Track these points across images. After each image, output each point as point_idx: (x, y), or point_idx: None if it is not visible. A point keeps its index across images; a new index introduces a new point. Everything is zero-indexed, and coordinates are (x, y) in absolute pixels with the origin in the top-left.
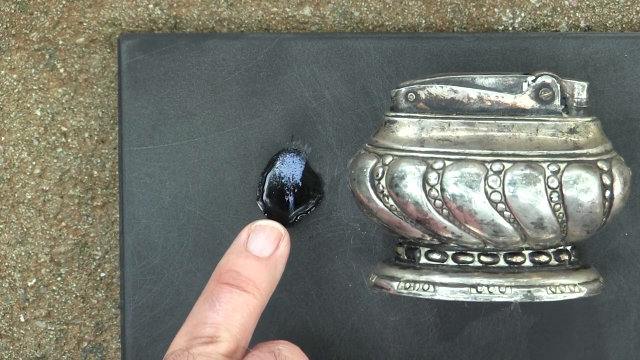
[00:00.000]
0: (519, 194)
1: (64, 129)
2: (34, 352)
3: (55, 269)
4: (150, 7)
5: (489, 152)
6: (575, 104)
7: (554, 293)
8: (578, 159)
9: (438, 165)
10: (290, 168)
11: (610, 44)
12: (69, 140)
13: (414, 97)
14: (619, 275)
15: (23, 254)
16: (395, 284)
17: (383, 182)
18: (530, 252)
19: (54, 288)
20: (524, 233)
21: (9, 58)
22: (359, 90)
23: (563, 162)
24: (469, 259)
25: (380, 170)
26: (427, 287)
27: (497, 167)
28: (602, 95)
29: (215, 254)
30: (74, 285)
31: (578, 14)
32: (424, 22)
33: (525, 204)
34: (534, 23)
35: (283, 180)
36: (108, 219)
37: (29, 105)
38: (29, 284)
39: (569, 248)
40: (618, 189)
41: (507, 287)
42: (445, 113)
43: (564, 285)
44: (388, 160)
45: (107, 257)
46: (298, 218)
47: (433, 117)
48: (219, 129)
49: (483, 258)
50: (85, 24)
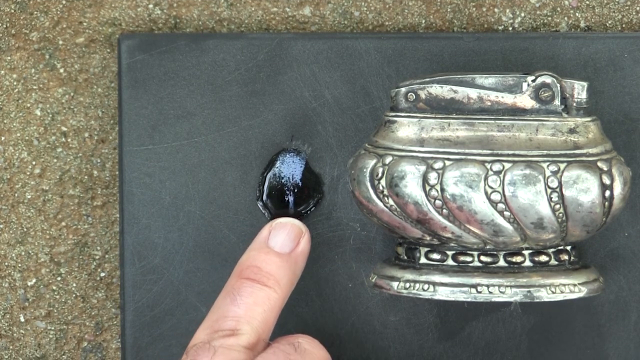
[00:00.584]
0: (519, 194)
1: (64, 129)
2: (34, 352)
3: (55, 269)
4: (150, 7)
5: (489, 152)
6: (575, 104)
7: (554, 293)
8: (578, 159)
9: (438, 165)
10: (290, 168)
11: (610, 44)
12: (69, 140)
13: (414, 97)
14: (619, 275)
15: (23, 254)
16: (395, 284)
17: (383, 182)
18: (530, 252)
19: (54, 288)
20: (524, 233)
21: (9, 58)
22: (359, 90)
23: (563, 162)
24: (469, 259)
25: (380, 170)
26: (427, 287)
27: (497, 167)
28: (602, 95)
29: (215, 254)
30: (74, 285)
31: (578, 14)
32: (424, 22)
33: (525, 204)
34: (534, 23)
35: (283, 180)
36: (108, 219)
37: (29, 105)
38: (29, 284)
39: (569, 248)
40: (618, 189)
41: (507, 287)
42: (445, 113)
43: (564, 285)
44: (388, 160)
45: (107, 257)
46: (298, 218)
47: (433, 117)
48: (219, 129)
49: (483, 258)
50: (85, 24)
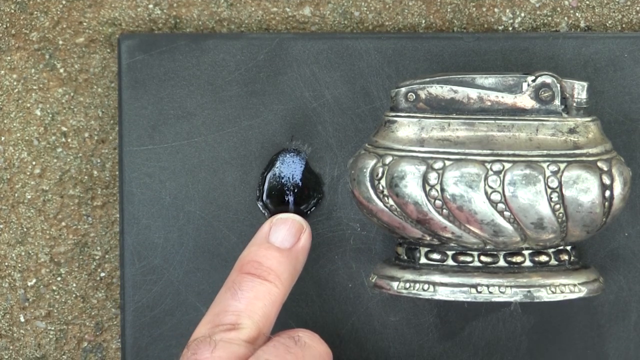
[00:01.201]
0: (519, 194)
1: (64, 129)
2: (34, 352)
3: (55, 269)
4: (150, 7)
5: (489, 152)
6: (575, 104)
7: (554, 293)
8: (578, 159)
9: (438, 165)
10: (290, 168)
11: (610, 44)
12: (69, 140)
13: (414, 97)
14: (619, 275)
15: (23, 254)
16: (395, 284)
17: (383, 182)
18: (530, 252)
19: (54, 288)
20: (524, 233)
21: (9, 58)
22: (359, 90)
23: (563, 162)
24: (469, 259)
25: (380, 170)
26: (427, 287)
27: (497, 167)
28: (602, 95)
29: (215, 254)
30: (74, 285)
31: (578, 14)
32: (424, 22)
33: (525, 204)
34: (534, 23)
35: (283, 180)
36: (108, 219)
37: (29, 105)
38: (29, 284)
39: (569, 248)
40: (618, 189)
41: (507, 287)
42: (445, 113)
43: (564, 285)
44: (388, 160)
45: (107, 257)
46: None
47: (433, 117)
48: (219, 129)
49: (483, 258)
50: (85, 24)
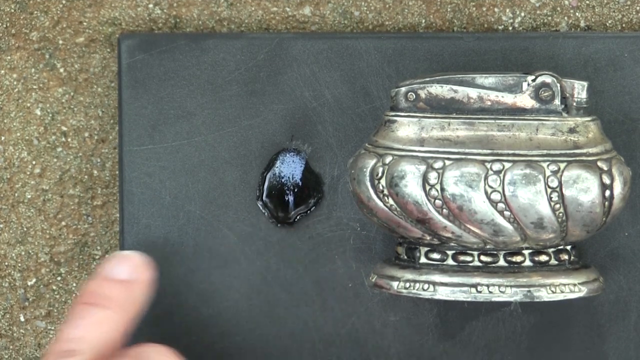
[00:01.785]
0: (519, 194)
1: (64, 129)
2: (34, 351)
3: (55, 269)
4: (150, 6)
5: (489, 151)
6: (575, 104)
7: (554, 293)
8: (578, 159)
9: (438, 165)
10: (290, 168)
11: (610, 44)
12: (69, 140)
13: (414, 96)
14: (619, 275)
15: (23, 254)
16: (395, 284)
17: (383, 181)
18: (530, 251)
19: (54, 288)
20: (524, 233)
21: (9, 58)
22: (359, 90)
23: (563, 161)
24: (469, 259)
25: (380, 170)
26: (427, 286)
27: (497, 166)
28: (602, 95)
29: (215, 254)
30: (74, 285)
31: (578, 14)
32: (424, 22)
33: (525, 204)
34: (534, 23)
35: (283, 180)
36: (108, 219)
37: (29, 105)
38: (29, 284)
39: (569, 248)
40: (618, 189)
41: (507, 286)
42: (445, 113)
43: (564, 285)
44: (388, 160)
45: (107, 256)
46: (298, 218)
47: (433, 116)
48: (219, 129)
49: (483, 258)
50: (85, 24)
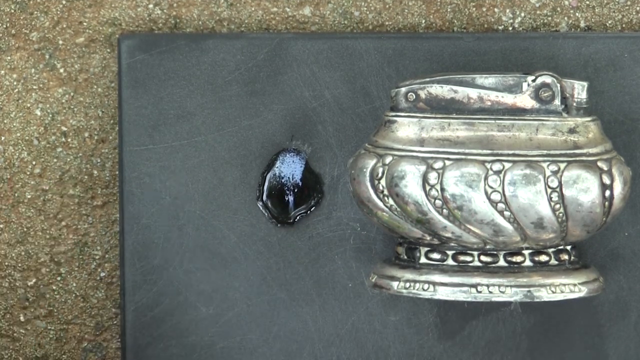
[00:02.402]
0: (519, 194)
1: (64, 129)
2: (34, 351)
3: (55, 269)
4: (150, 7)
5: (489, 152)
6: (575, 104)
7: (554, 293)
8: (578, 159)
9: (438, 165)
10: (290, 168)
11: (610, 44)
12: (69, 140)
13: (414, 97)
14: (619, 275)
15: (23, 254)
16: (395, 284)
17: (383, 182)
18: (530, 252)
19: (54, 288)
20: (524, 233)
21: (9, 58)
22: (359, 90)
23: (563, 161)
24: (469, 259)
25: (380, 170)
26: (427, 286)
27: (497, 167)
28: (602, 95)
29: (215, 254)
30: (74, 285)
31: (578, 14)
32: (424, 22)
33: (525, 204)
34: (534, 23)
35: (283, 180)
36: (108, 219)
37: (29, 105)
38: (29, 284)
39: (569, 248)
40: (618, 189)
41: (507, 286)
42: (445, 113)
43: (564, 285)
44: (388, 160)
45: (107, 257)
46: (298, 218)
47: (433, 117)
48: (219, 129)
49: (483, 258)
50: (85, 24)
